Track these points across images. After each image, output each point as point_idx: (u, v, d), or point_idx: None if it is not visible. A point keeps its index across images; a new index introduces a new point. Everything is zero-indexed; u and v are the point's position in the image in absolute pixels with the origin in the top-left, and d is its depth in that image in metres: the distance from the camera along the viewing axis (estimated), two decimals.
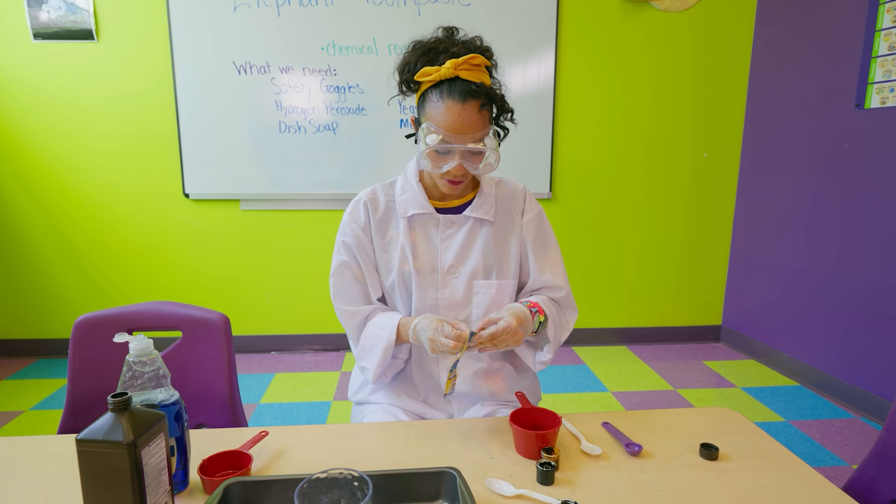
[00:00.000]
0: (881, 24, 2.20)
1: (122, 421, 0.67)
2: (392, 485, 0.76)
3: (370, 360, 1.09)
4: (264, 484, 0.75)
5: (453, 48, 1.02)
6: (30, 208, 2.87)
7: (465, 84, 1.00)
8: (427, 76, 1.02)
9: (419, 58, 1.03)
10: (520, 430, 0.89)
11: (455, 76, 1.00)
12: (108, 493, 0.67)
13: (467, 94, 0.99)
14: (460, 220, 1.13)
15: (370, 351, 1.08)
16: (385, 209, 1.14)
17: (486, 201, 1.14)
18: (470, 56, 1.00)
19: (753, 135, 3.00)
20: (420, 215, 1.12)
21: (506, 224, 1.15)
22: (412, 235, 1.12)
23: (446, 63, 1.00)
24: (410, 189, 1.13)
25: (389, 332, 1.06)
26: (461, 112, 0.99)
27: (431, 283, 1.12)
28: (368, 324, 1.11)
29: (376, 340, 1.07)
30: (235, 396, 1.10)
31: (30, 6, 2.63)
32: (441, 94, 1.00)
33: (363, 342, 1.10)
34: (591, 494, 0.80)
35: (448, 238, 1.12)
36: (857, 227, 2.36)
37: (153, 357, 0.79)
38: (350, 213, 1.15)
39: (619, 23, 2.91)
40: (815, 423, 2.23)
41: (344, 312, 1.13)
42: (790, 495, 0.80)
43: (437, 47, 1.03)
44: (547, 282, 1.15)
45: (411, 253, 1.11)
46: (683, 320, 3.25)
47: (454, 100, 0.99)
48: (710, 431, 0.98)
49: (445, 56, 1.01)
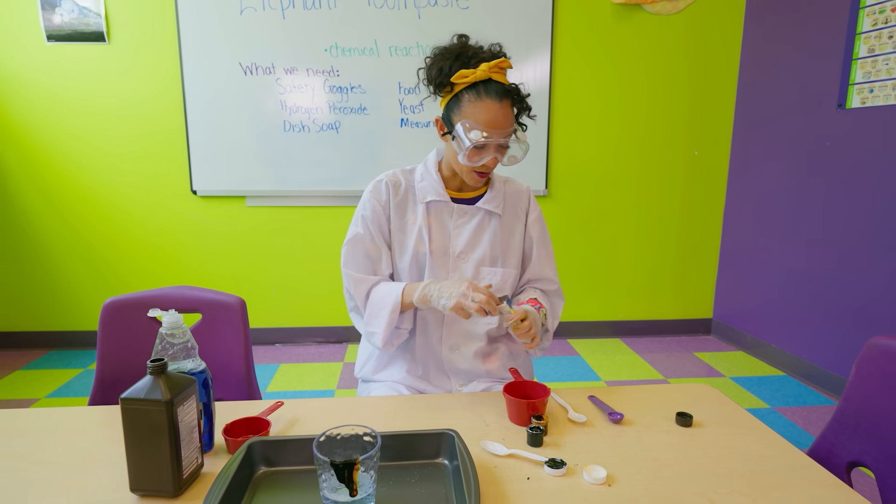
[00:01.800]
0: (861, 27, 2.29)
1: (159, 382, 0.76)
2: (397, 444, 0.85)
3: (378, 324, 1.16)
4: (283, 443, 0.84)
5: (482, 53, 1.13)
6: (41, 205, 2.96)
7: (499, 84, 1.10)
8: (463, 78, 1.11)
9: (453, 62, 1.12)
10: (512, 399, 0.98)
11: (488, 77, 1.10)
12: (149, 447, 0.76)
13: (502, 94, 1.10)
14: (472, 210, 1.23)
15: (377, 315, 1.16)
16: (404, 192, 1.23)
17: (497, 196, 1.25)
18: (500, 60, 1.11)
19: (742, 134, 3.09)
20: (436, 202, 1.22)
21: (511, 219, 1.27)
22: (428, 220, 1.21)
23: (480, 66, 1.10)
24: (430, 177, 1.23)
25: (395, 296, 1.14)
26: (499, 110, 1.10)
27: (443, 265, 1.21)
28: (373, 291, 1.19)
29: (383, 304, 1.15)
30: (251, 373, 1.19)
31: (43, 9, 2.72)
32: (479, 94, 1.10)
33: (370, 309, 1.18)
34: (575, 454, 0.89)
35: (460, 226, 1.23)
36: (839, 222, 2.46)
37: (183, 330, 0.88)
38: (371, 190, 1.23)
39: (612, 25, 3.00)
40: (798, 410, 2.33)
41: (353, 279, 1.19)
42: (756, 456, 0.88)
43: (466, 52, 1.12)
44: (545, 275, 1.30)
45: (427, 235, 1.20)
46: (675, 314, 3.34)
47: (492, 98, 1.10)
48: (687, 403, 1.06)
49: (476, 60, 1.11)
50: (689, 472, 0.83)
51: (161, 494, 0.76)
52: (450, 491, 0.78)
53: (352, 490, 0.70)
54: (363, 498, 0.71)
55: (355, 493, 0.70)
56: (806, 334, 2.67)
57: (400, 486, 0.79)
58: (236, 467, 0.77)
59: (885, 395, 0.94)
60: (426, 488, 0.79)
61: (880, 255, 2.26)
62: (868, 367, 0.97)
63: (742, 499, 0.77)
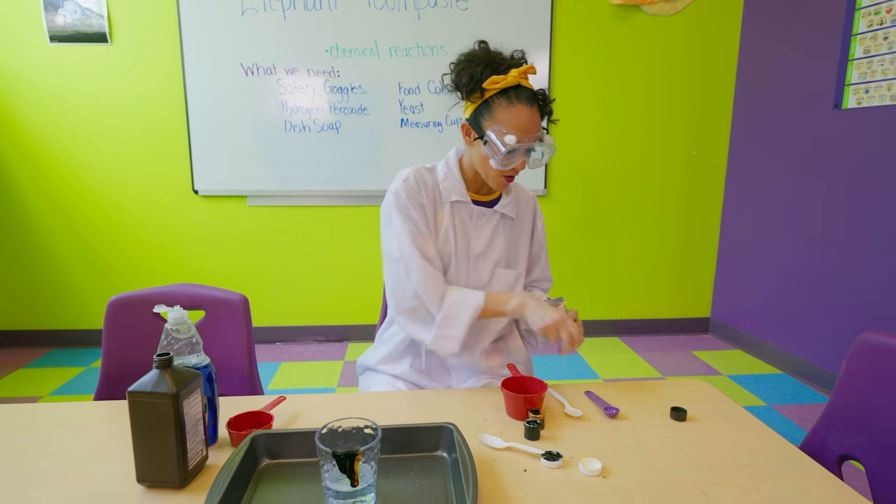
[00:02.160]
0: (857, 28, 2.31)
1: (165, 376, 0.78)
2: (397, 437, 0.87)
3: (456, 327, 1.14)
4: (285, 436, 0.86)
5: (509, 60, 1.15)
6: (44, 205, 2.98)
7: (529, 90, 1.14)
8: (495, 84, 1.12)
9: (483, 68, 1.13)
10: (510, 394, 1.00)
11: (518, 83, 1.13)
12: (155, 439, 0.78)
13: (532, 99, 1.14)
14: (489, 213, 1.26)
15: (456, 317, 1.14)
16: (432, 190, 1.24)
17: (512, 201, 1.29)
18: (529, 66, 1.15)
19: (740, 134, 3.11)
20: (458, 203, 1.24)
21: (521, 223, 1.31)
22: (453, 220, 1.24)
23: (510, 72, 1.12)
24: (453, 178, 1.24)
25: (477, 299, 1.14)
26: (531, 114, 1.13)
27: (464, 266, 1.24)
28: (448, 294, 1.16)
29: (463, 307, 1.14)
30: (254, 369, 1.21)
31: (46, 10, 2.74)
32: (510, 100, 1.12)
33: (447, 310, 1.15)
34: (571, 447, 0.90)
35: (479, 228, 1.25)
36: (836, 222, 2.48)
37: (188, 326, 0.90)
38: (406, 186, 1.20)
39: (610, 26, 3.02)
40: (794, 407, 2.35)
41: (430, 276, 1.16)
42: (749, 449, 0.90)
43: (495, 59, 1.15)
44: (546, 276, 1.39)
45: (453, 236, 1.23)
46: (674, 313, 3.36)
47: (523, 104, 1.12)
48: (682, 399, 1.08)
49: (505, 66, 1.14)
50: (683, 465, 0.85)
51: (167, 485, 0.78)
52: (448, 483, 0.80)
53: (353, 480, 0.72)
54: (364, 488, 0.73)
55: (356, 483, 0.72)
56: (803, 333, 2.69)
57: (400, 478, 0.81)
58: (240, 459, 0.78)
59: (875, 390, 0.96)
60: (425, 480, 0.81)
61: (877, 254, 2.28)
62: (858, 363, 0.99)
63: (734, 490, 0.79)
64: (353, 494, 0.72)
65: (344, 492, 0.72)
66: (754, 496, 0.77)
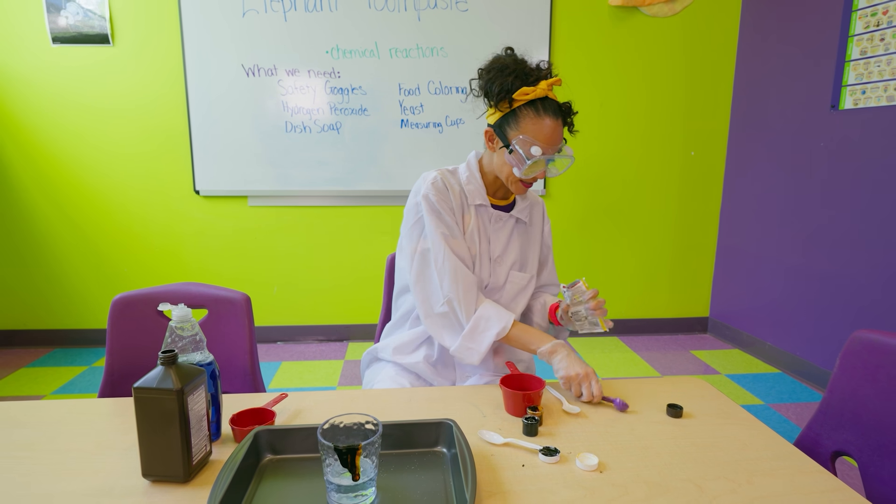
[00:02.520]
0: (854, 30, 2.33)
1: (170, 372, 0.80)
2: (397, 433, 0.88)
3: (480, 343, 1.17)
4: (288, 431, 0.88)
5: (540, 71, 1.17)
6: (46, 205, 3.00)
7: (555, 103, 1.17)
8: (525, 95, 1.15)
9: (514, 79, 1.15)
10: (508, 391, 1.01)
11: (546, 95, 1.16)
12: (160, 434, 0.79)
13: (558, 112, 1.17)
14: (506, 217, 1.29)
15: (482, 334, 1.17)
16: (459, 193, 1.26)
17: (526, 206, 1.33)
18: (556, 79, 1.17)
19: (738, 134, 3.13)
20: (480, 206, 1.27)
21: (532, 227, 1.35)
22: (478, 223, 1.26)
23: (540, 84, 1.14)
24: (475, 181, 1.26)
25: (506, 322, 1.17)
26: (556, 127, 1.16)
27: (485, 268, 1.27)
28: (480, 308, 1.19)
29: (489, 325, 1.17)
30: (256, 366, 1.22)
31: (49, 12, 2.76)
32: (538, 112, 1.15)
33: (474, 323, 1.18)
34: (569, 443, 0.92)
35: (497, 231, 1.28)
36: (833, 221, 2.49)
37: (192, 324, 0.92)
38: (436, 189, 1.21)
39: (609, 28, 3.04)
40: (792, 406, 2.36)
41: (464, 282, 1.18)
42: (744, 445, 0.92)
43: (524, 69, 1.17)
44: (553, 280, 1.42)
45: (478, 238, 1.25)
46: (673, 312, 3.38)
47: (550, 116, 1.15)
48: (678, 396, 1.10)
49: (535, 77, 1.16)
50: (678, 460, 0.87)
51: (171, 480, 0.80)
52: (448, 477, 0.81)
53: (354, 475, 0.73)
54: (365, 482, 0.74)
55: (357, 477, 0.73)
56: (801, 332, 2.70)
57: (400, 473, 0.82)
58: (243, 455, 0.80)
59: (868, 387, 0.97)
60: (425, 475, 0.82)
61: (874, 254, 2.30)
62: (851, 360, 1.00)
63: (728, 484, 0.80)
64: (355, 488, 0.73)
65: (345, 485, 0.73)
66: (748, 490, 0.79)
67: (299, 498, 0.77)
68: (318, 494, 0.77)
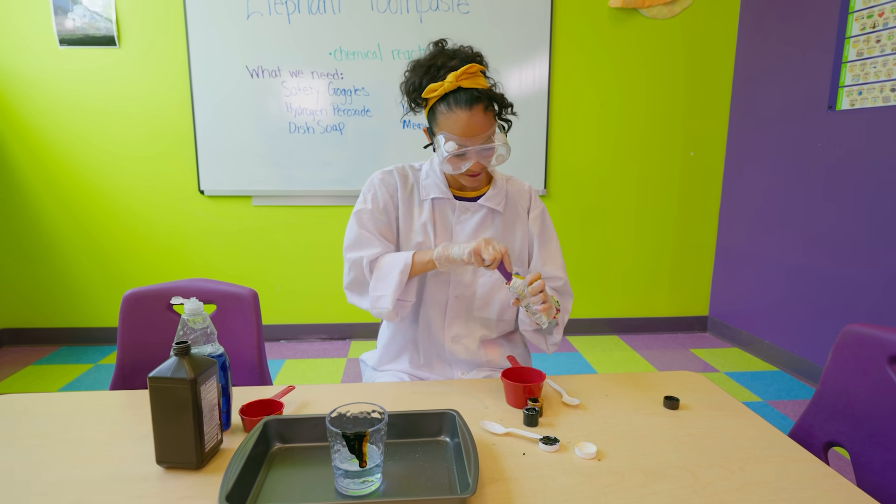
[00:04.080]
0: (850, 31, 2.36)
1: (184, 363, 0.83)
2: (402, 423, 0.91)
3: (387, 286, 1.16)
4: (296, 421, 0.91)
5: (451, 62, 1.14)
6: (53, 206, 3.03)
7: (468, 92, 1.12)
8: (433, 92, 1.14)
9: (422, 77, 1.16)
10: (509, 383, 1.04)
11: (458, 87, 1.13)
12: (174, 422, 0.82)
13: (472, 101, 1.12)
14: (474, 207, 1.27)
15: (386, 277, 1.16)
16: (412, 187, 1.28)
17: (499, 194, 1.28)
18: (467, 66, 1.13)
19: (737, 135, 3.16)
20: (440, 199, 1.27)
21: (513, 217, 1.30)
22: (433, 216, 1.26)
23: (448, 77, 1.12)
24: (434, 175, 1.28)
25: (406, 258, 1.16)
26: (470, 118, 1.12)
27: None
28: (380, 259, 1.20)
29: (392, 266, 1.17)
30: (263, 361, 1.25)
31: (56, 14, 2.80)
32: (449, 105, 1.13)
33: (377, 273, 1.18)
34: (568, 433, 0.95)
35: (463, 222, 1.26)
36: (831, 221, 2.52)
37: (203, 317, 0.95)
38: (381, 178, 1.26)
39: (609, 29, 3.07)
40: (790, 403, 2.39)
41: (360, 239, 1.20)
42: (738, 435, 0.94)
43: (435, 63, 1.15)
44: (548, 273, 1.30)
45: (432, 231, 1.25)
46: (672, 311, 3.40)
47: (461, 108, 1.12)
48: (675, 389, 1.12)
49: (445, 70, 1.14)
50: (674, 449, 0.89)
51: (184, 466, 0.82)
52: (451, 465, 0.84)
53: (361, 461, 0.76)
54: (371, 468, 0.77)
55: (364, 464, 0.76)
56: (799, 331, 2.73)
57: (405, 461, 0.85)
58: (253, 443, 0.83)
59: (859, 379, 1.00)
60: (429, 463, 0.85)
61: (872, 253, 2.32)
62: (843, 353, 1.03)
63: (721, 471, 0.83)
64: (361, 474, 0.76)
65: (353, 471, 0.76)
66: (740, 476, 0.81)
67: (308, 484, 0.80)
68: (326, 481, 0.80)
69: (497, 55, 2.97)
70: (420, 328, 1.30)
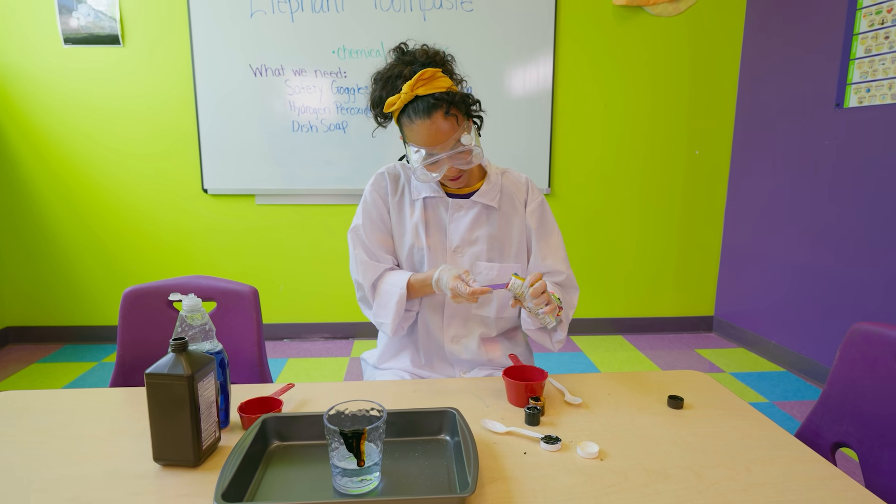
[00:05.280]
0: (858, 28, 2.33)
1: (181, 359, 0.82)
2: (402, 421, 0.90)
3: (386, 315, 1.21)
4: (294, 419, 0.90)
5: (404, 71, 1.12)
6: (57, 204, 3.04)
7: (425, 100, 1.09)
8: (392, 106, 1.12)
9: (381, 91, 1.14)
10: (511, 382, 1.03)
11: (415, 96, 1.09)
12: (171, 419, 0.81)
13: (429, 109, 1.08)
14: (468, 204, 1.25)
15: (385, 306, 1.21)
16: (403, 186, 1.27)
17: (493, 189, 1.25)
18: (419, 73, 1.09)
19: (743, 133, 3.13)
20: (432, 198, 1.25)
21: (509, 211, 1.26)
22: (425, 215, 1.25)
23: (403, 88, 1.10)
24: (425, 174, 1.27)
25: (401, 288, 1.19)
26: (430, 126, 1.09)
27: (441, 260, 1.24)
28: (380, 282, 1.23)
29: (390, 296, 1.20)
30: (263, 358, 1.25)
31: (61, 13, 2.81)
32: (409, 117, 1.11)
33: (378, 300, 1.23)
34: (570, 432, 0.93)
35: (456, 220, 1.24)
36: (838, 219, 2.49)
37: (202, 314, 0.94)
38: (373, 183, 1.28)
39: (614, 27, 3.05)
40: (796, 404, 2.36)
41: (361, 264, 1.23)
42: (743, 435, 0.93)
43: (392, 75, 1.13)
44: (548, 267, 1.27)
45: (424, 231, 1.24)
46: (677, 311, 3.38)
47: (420, 118, 1.09)
48: (679, 389, 1.10)
49: (400, 81, 1.12)
50: (678, 449, 0.88)
51: (182, 464, 0.82)
52: (451, 464, 0.83)
53: (359, 460, 0.75)
54: (370, 467, 0.76)
55: (363, 462, 0.75)
56: (806, 331, 2.70)
57: (404, 460, 0.84)
58: (251, 441, 0.82)
59: (867, 378, 0.98)
60: (429, 461, 0.84)
61: (878, 251, 2.30)
62: (851, 352, 1.01)
63: (726, 472, 0.81)
64: (360, 472, 0.75)
65: (351, 469, 0.75)
66: (746, 477, 0.80)
67: (305, 483, 0.79)
68: (324, 480, 0.79)
69: (501, 53, 2.95)
70: (419, 329, 1.29)
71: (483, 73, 2.94)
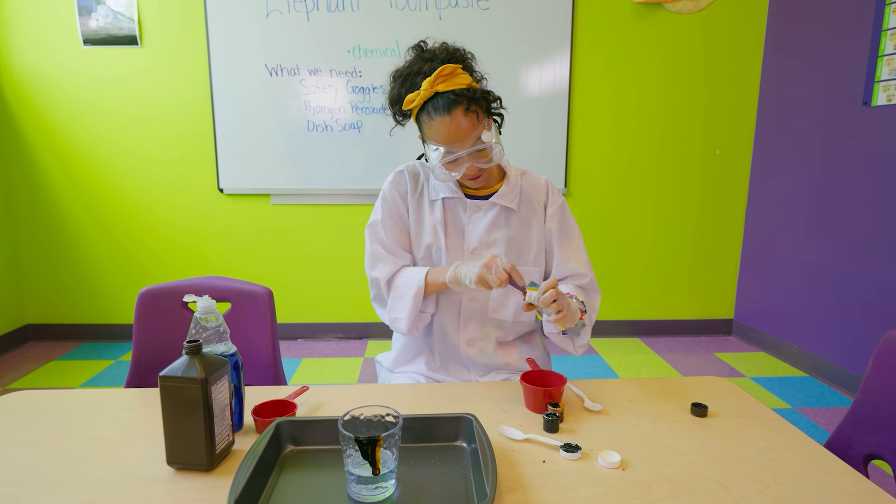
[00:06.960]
0: (887, 23, 2.26)
1: (195, 362, 0.81)
2: (417, 427, 0.88)
3: (402, 309, 1.18)
4: (309, 423, 0.88)
5: (424, 68, 1.10)
6: (76, 204, 3.08)
7: (445, 97, 1.07)
8: (412, 103, 1.11)
9: (399, 88, 1.13)
10: (529, 387, 1.00)
11: (434, 93, 1.08)
12: (184, 423, 0.80)
13: (450, 105, 1.07)
14: (486, 205, 1.22)
15: (401, 300, 1.18)
16: (422, 186, 1.25)
17: (512, 190, 1.23)
18: (440, 69, 1.08)
19: (765, 132, 3.06)
20: (451, 199, 1.23)
21: (528, 213, 1.24)
22: (444, 216, 1.22)
23: (422, 84, 1.08)
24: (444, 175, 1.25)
25: (419, 280, 1.16)
26: (450, 123, 1.08)
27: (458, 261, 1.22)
28: (396, 277, 1.21)
29: (407, 289, 1.17)
30: (277, 359, 1.24)
31: (80, 15, 2.84)
32: (429, 114, 1.09)
33: (393, 293, 1.20)
34: (590, 440, 0.91)
35: (474, 221, 1.22)
36: (864, 221, 2.42)
37: (216, 316, 0.93)
38: (392, 180, 1.25)
39: (632, 24, 3.00)
40: (820, 411, 2.30)
41: (376, 258, 1.20)
42: (771, 446, 0.89)
43: (411, 72, 1.12)
44: (571, 270, 1.25)
45: (443, 231, 1.22)
46: (696, 314, 3.32)
47: (440, 115, 1.08)
48: (703, 396, 1.07)
49: (420, 78, 1.10)
50: (703, 459, 0.85)
51: (195, 468, 0.81)
52: (468, 471, 0.81)
53: (375, 468, 0.73)
54: (385, 474, 0.74)
55: (378, 471, 0.73)
56: (829, 335, 2.63)
57: (420, 467, 0.82)
58: (265, 445, 0.81)
59: None
60: (445, 469, 0.82)
61: None
62: (885, 361, 0.97)
63: (755, 484, 0.78)
64: (375, 480, 0.73)
65: (365, 477, 0.73)
66: (776, 490, 0.77)
67: (320, 489, 0.78)
68: (339, 486, 0.77)
69: (517, 52, 2.92)
70: (435, 332, 1.27)
71: (499, 73, 2.91)
